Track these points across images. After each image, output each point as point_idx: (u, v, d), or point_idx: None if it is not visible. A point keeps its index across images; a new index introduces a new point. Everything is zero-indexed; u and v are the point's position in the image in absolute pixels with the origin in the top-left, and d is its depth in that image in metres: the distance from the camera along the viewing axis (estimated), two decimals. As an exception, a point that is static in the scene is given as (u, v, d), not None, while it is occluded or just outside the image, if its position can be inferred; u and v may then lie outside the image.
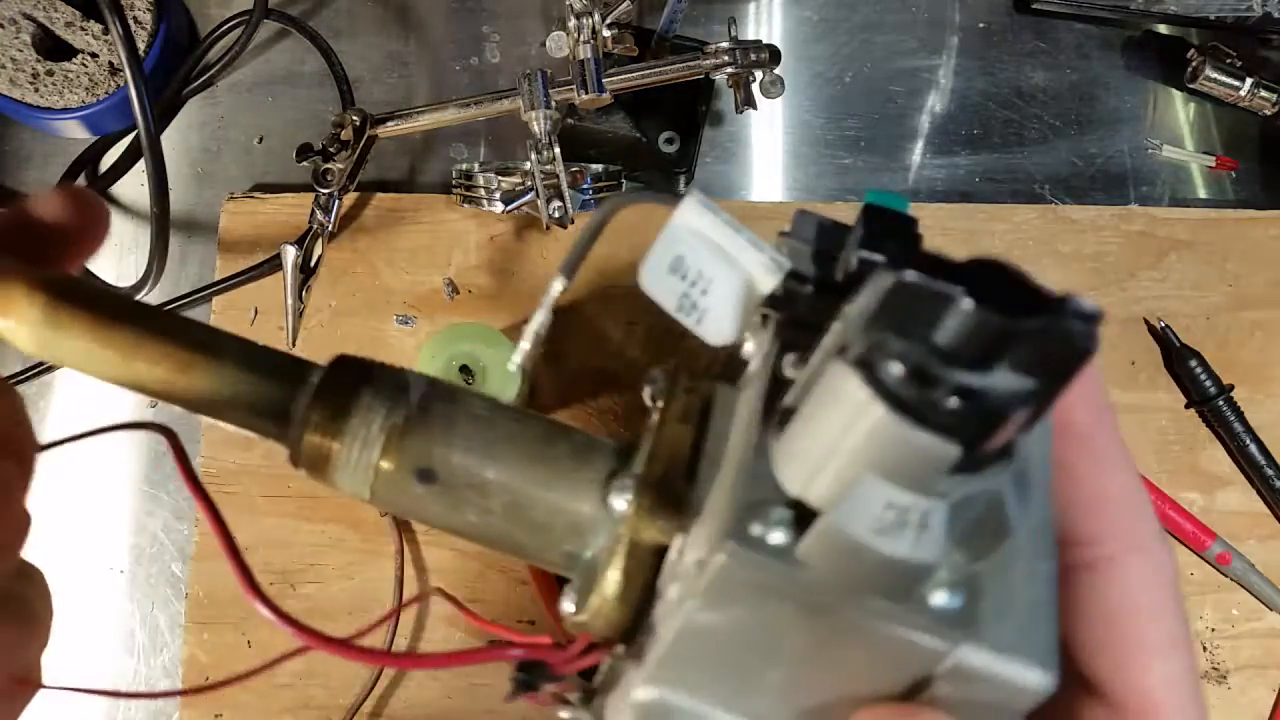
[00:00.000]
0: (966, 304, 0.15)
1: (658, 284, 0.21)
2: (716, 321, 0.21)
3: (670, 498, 0.21)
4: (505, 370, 0.54)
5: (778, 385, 0.19)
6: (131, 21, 0.60)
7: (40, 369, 0.60)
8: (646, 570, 0.21)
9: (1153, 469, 0.60)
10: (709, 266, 0.20)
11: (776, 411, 0.18)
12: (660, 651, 0.19)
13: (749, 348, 0.22)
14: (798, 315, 0.20)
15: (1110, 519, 0.20)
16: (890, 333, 0.15)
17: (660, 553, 0.21)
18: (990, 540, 0.17)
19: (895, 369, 0.15)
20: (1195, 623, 0.58)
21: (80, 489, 0.59)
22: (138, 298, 0.58)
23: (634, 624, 0.21)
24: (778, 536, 0.17)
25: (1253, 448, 0.59)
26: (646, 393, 0.24)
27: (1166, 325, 0.61)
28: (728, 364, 0.24)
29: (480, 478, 0.22)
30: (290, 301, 0.58)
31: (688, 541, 0.20)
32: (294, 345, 0.58)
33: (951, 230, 0.62)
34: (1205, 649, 0.58)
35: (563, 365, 0.59)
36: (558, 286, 0.22)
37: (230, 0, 0.66)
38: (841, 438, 0.16)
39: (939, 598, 0.17)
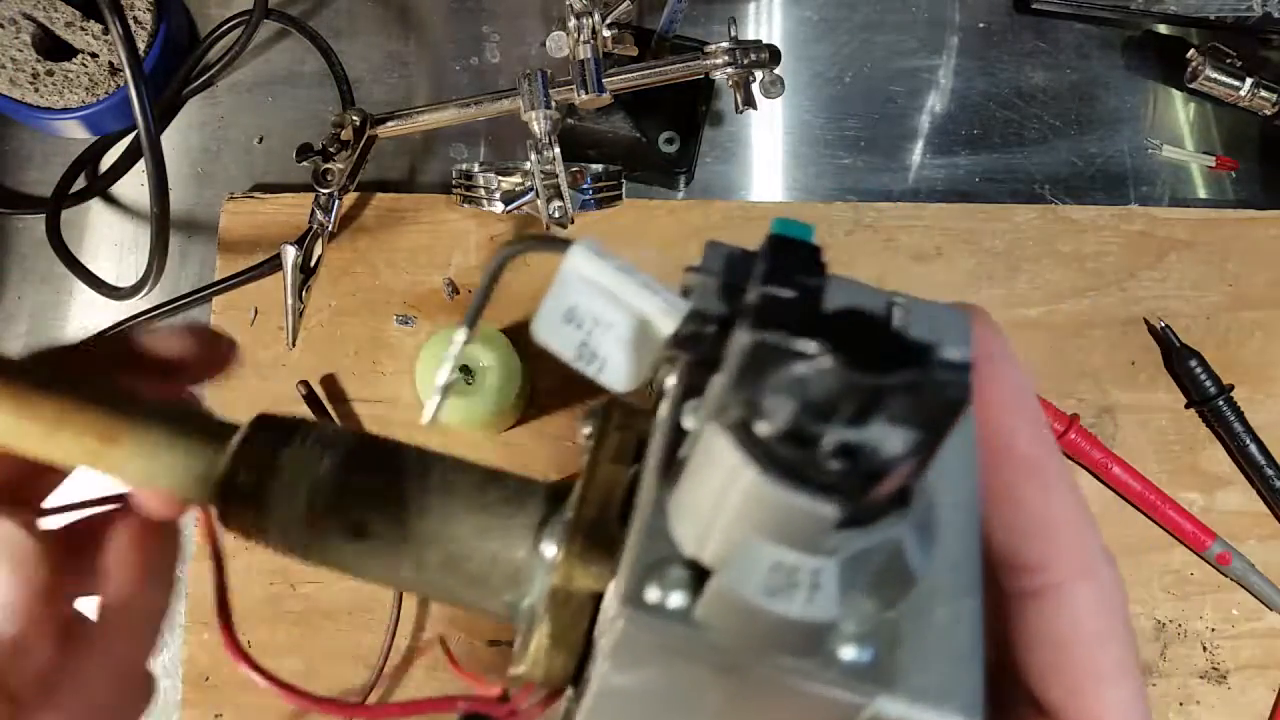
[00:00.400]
0: (826, 362, 0.14)
1: (553, 335, 0.20)
2: (616, 369, 0.20)
3: (602, 542, 0.20)
4: (505, 370, 0.54)
5: (677, 436, 0.18)
6: (131, 21, 0.60)
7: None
8: (582, 618, 0.20)
9: (1153, 469, 0.60)
10: (604, 313, 0.20)
11: (676, 465, 0.18)
12: (587, 706, 0.19)
13: (670, 382, 0.21)
14: (703, 356, 0.19)
15: (1058, 545, 0.20)
16: (758, 392, 0.15)
17: (597, 598, 0.20)
18: (897, 589, 0.17)
19: (767, 429, 0.15)
20: (1195, 623, 0.58)
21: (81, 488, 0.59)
22: (138, 297, 0.58)
23: (579, 670, 0.20)
24: (676, 599, 0.16)
25: (1253, 448, 0.59)
26: (583, 432, 0.23)
27: (1166, 325, 0.61)
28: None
29: (413, 531, 0.22)
30: (290, 301, 0.58)
31: (610, 591, 0.19)
32: (294, 345, 0.58)
33: (951, 230, 0.62)
34: (1205, 649, 0.58)
35: (562, 365, 0.59)
36: (460, 339, 0.21)
37: (230, 0, 0.66)
38: (722, 499, 0.15)
39: (848, 652, 0.16)
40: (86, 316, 0.62)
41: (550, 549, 0.21)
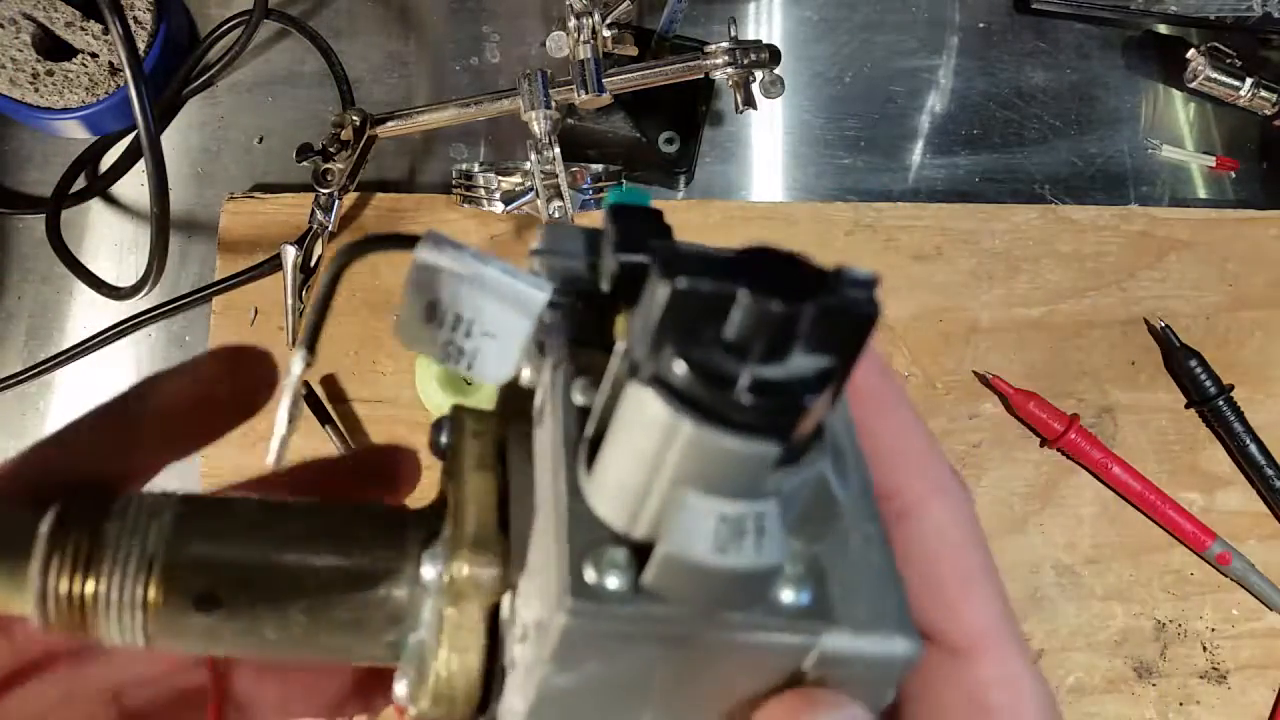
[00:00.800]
0: (747, 299, 0.14)
1: (417, 337, 0.19)
2: (489, 362, 0.19)
3: (488, 555, 0.19)
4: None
5: (576, 416, 0.18)
6: (131, 21, 0.60)
7: (40, 369, 0.60)
8: (482, 638, 0.19)
9: (1153, 469, 0.60)
10: (466, 306, 0.19)
11: (581, 445, 0.17)
12: None
13: (526, 375, 0.20)
14: (575, 335, 0.19)
15: (910, 468, 0.21)
16: (678, 343, 0.15)
17: (493, 615, 0.19)
18: (823, 522, 0.17)
19: (692, 379, 0.14)
20: (1195, 623, 0.58)
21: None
22: (138, 297, 0.58)
23: (485, 697, 0.19)
24: (615, 580, 0.16)
25: (1253, 448, 0.59)
26: (434, 447, 0.22)
27: (1166, 325, 0.61)
28: (506, 397, 0.22)
29: (269, 588, 0.20)
30: (290, 301, 0.58)
31: (518, 599, 0.19)
32: (294, 345, 0.58)
33: (951, 230, 0.62)
34: (1205, 649, 0.58)
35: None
36: (299, 366, 0.19)
37: (230, 0, 0.66)
38: (657, 461, 0.15)
39: (788, 594, 0.16)
40: (86, 316, 0.62)
41: (432, 573, 0.19)
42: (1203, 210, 0.65)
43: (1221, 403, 0.59)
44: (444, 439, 0.21)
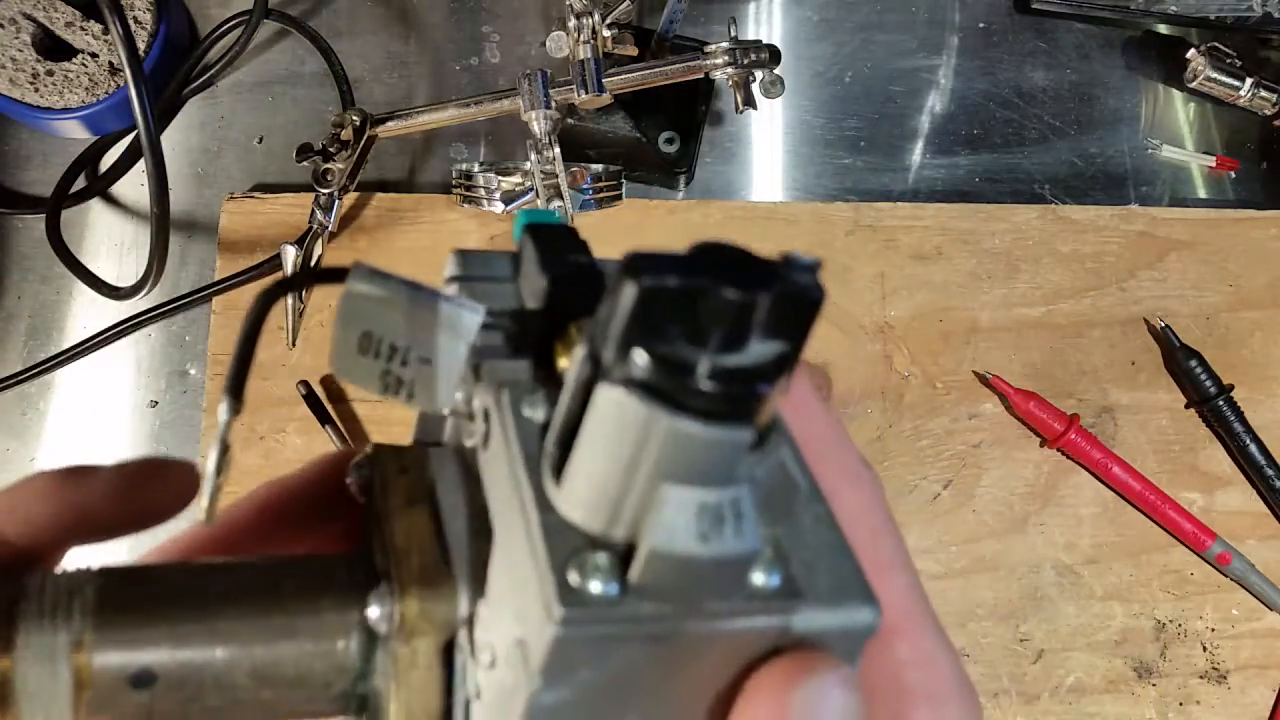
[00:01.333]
0: (711, 292, 0.15)
1: (352, 369, 0.19)
2: (428, 390, 0.19)
3: (438, 588, 0.19)
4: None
5: (532, 431, 0.18)
6: (131, 21, 0.60)
7: (40, 369, 0.60)
8: (439, 675, 0.19)
9: (1153, 469, 0.60)
10: (399, 335, 0.19)
11: (544, 458, 0.17)
12: None
13: (466, 396, 0.20)
14: (512, 354, 0.19)
15: (821, 457, 0.21)
16: (647, 341, 0.15)
17: (447, 649, 0.19)
18: (784, 502, 0.18)
19: (663, 374, 0.15)
20: (1195, 623, 0.58)
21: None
22: (138, 297, 0.58)
23: None
24: (602, 584, 0.16)
25: (1253, 448, 0.59)
26: (354, 487, 0.21)
27: (1166, 325, 0.61)
28: (423, 428, 0.22)
29: (208, 656, 0.19)
30: (290, 301, 0.58)
31: (478, 628, 0.19)
32: (294, 345, 0.58)
33: (951, 230, 0.62)
34: (1205, 649, 0.58)
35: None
36: (224, 415, 0.18)
37: (230, 0, 0.66)
38: (634, 460, 0.15)
39: (760, 577, 0.17)
40: (86, 316, 0.62)
41: (379, 614, 0.19)
42: (1203, 210, 0.65)
43: (1221, 403, 0.60)
44: (365, 479, 0.21)
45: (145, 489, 0.22)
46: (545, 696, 0.16)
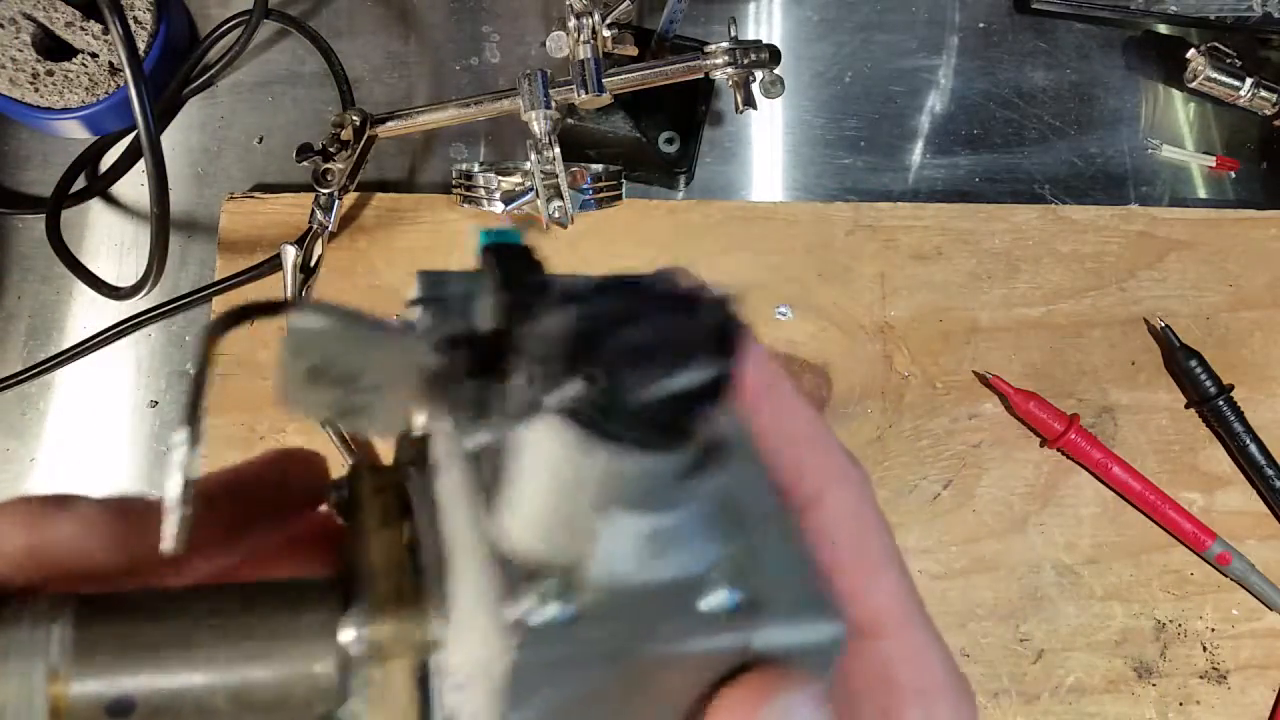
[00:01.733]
0: (642, 321, 0.15)
1: (302, 401, 0.19)
2: (381, 417, 0.19)
3: (410, 609, 0.19)
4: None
5: (478, 457, 0.18)
6: (131, 21, 0.60)
7: (40, 369, 0.60)
8: (414, 697, 0.19)
9: (1153, 469, 0.60)
10: (349, 364, 0.19)
11: (492, 484, 0.17)
12: None
13: (420, 421, 0.20)
14: (464, 377, 0.19)
15: (805, 459, 0.21)
16: (580, 370, 0.15)
17: (423, 667, 0.19)
18: (734, 522, 0.18)
19: (597, 404, 0.15)
20: (1195, 623, 0.58)
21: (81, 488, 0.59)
22: (138, 297, 0.58)
23: None
24: (551, 609, 0.16)
25: (1253, 448, 0.59)
26: (332, 508, 0.21)
27: (1166, 325, 0.61)
28: (402, 447, 0.22)
29: (186, 682, 0.19)
30: (289, 298, 0.58)
31: (446, 649, 0.19)
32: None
33: (951, 230, 0.62)
34: (1205, 649, 0.58)
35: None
36: (181, 444, 0.18)
37: (230, 0, 0.66)
38: (573, 488, 0.15)
39: (718, 597, 0.17)
40: (86, 316, 0.62)
41: (353, 637, 0.19)
42: (1203, 210, 0.65)
43: (1221, 403, 0.60)
44: (342, 499, 0.21)
45: (126, 532, 0.21)
46: (513, 717, 0.16)
